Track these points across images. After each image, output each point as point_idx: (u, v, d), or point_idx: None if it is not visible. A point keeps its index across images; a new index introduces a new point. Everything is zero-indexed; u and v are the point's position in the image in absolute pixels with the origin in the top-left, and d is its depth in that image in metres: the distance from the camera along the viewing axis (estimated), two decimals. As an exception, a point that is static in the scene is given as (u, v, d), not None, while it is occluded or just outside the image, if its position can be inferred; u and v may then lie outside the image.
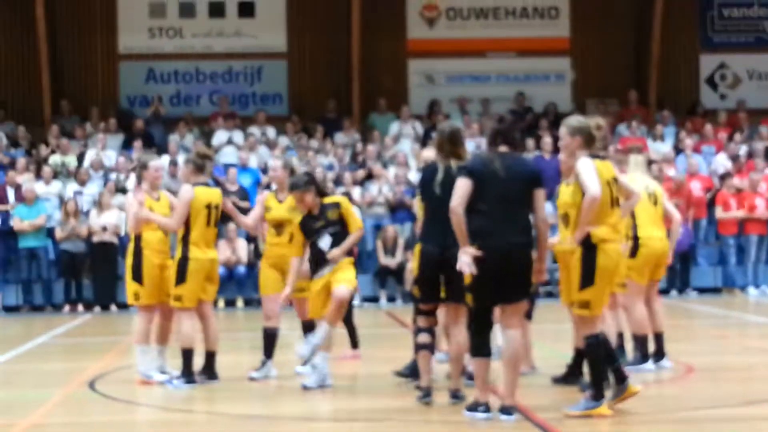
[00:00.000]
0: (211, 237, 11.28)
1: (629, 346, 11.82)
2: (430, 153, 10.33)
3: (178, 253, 11.08)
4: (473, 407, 8.72)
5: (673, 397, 10.37)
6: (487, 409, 8.67)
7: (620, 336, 12.14)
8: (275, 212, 11.51)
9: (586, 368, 9.34)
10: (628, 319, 11.62)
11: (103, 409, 10.25)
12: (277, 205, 11.52)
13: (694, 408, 9.40)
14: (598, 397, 8.86)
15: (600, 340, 8.94)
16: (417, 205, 9.98)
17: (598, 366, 8.98)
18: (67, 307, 22.16)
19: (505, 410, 8.63)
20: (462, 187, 8.64)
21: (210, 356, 11.40)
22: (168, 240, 11.44)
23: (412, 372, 10.43)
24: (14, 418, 9.49)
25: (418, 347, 9.61)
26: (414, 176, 24.64)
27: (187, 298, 11.05)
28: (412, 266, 9.67)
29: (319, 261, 10.53)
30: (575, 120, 9.29)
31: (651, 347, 11.68)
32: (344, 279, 10.39)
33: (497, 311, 8.83)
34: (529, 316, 11.10)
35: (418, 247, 9.44)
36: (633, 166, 12.00)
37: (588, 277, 8.85)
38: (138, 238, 11.41)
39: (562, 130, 9.21)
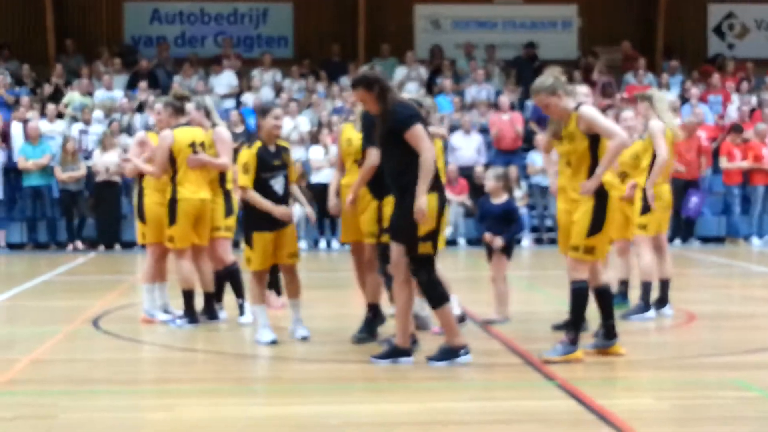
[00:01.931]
0: (201, 176, 11.18)
1: (634, 293, 11.86)
2: None
3: (167, 195, 11.11)
4: (455, 352, 8.76)
5: (675, 344, 10.42)
6: (468, 351, 8.79)
7: (624, 283, 12.22)
8: None
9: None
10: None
11: (106, 346, 10.30)
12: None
13: (695, 355, 9.44)
14: (575, 341, 8.93)
15: (587, 287, 8.96)
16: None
17: (582, 312, 9.02)
18: (71, 246, 22.23)
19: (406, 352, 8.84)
20: (424, 130, 8.65)
21: (207, 297, 11.44)
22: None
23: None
24: (18, 354, 9.55)
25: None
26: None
27: (179, 239, 11.07)
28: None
29: (272, 200, 9.92)
30: (544, 78, 9.02)
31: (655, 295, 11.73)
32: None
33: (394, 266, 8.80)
34: (508, 255, 11.30)
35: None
36: (662, 107, 11.65)
37: (598, 224, 8.87)
38: (140, 179, 11.47)
39: (541, 97, 8.95)
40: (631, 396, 7.78)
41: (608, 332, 9.21)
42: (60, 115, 23.99)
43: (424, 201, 8.48)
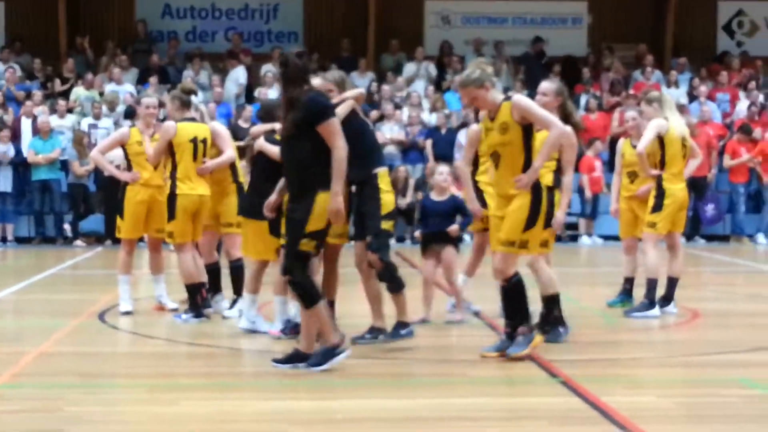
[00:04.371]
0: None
1: (639, 292, 11.89)
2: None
3: (166, 190, 11.19)
4: (333, 352, 8.45)
5: (680, 341, 10.44)
6: (345, 348, 8.55)
7: (630, 281, 12.24)
8: None
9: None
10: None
11: (112, 339, 10.36)
12: None
13: (699, 353, 9.45)
14: (532, 329, 8.87)
15: (521, 278, 8.83)
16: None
17: (525, 303, 8.86)
18: (78, 241, 22.29)
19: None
20: (339, 124, 8.37)
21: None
22: (161, 174, 11.48)
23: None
24: (25, 346, 9.59)
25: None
26: (427, 117, 24.65)
27: (178, 233, 11.15)
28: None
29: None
30: (470, 72, 8.82)
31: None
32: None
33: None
34: (457, 247, 11.21)
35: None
36: (669, 107, 11.68)
37: (533, 219, 8.71)
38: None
39: (468, 90, 8.76)
40: (635, 393, 7.78)
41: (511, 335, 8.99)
42: (70, 110, 24.07)
43: (339, 201, 8.22)
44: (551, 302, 9.91)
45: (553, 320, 9.90)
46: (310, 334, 8.49)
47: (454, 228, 11.04)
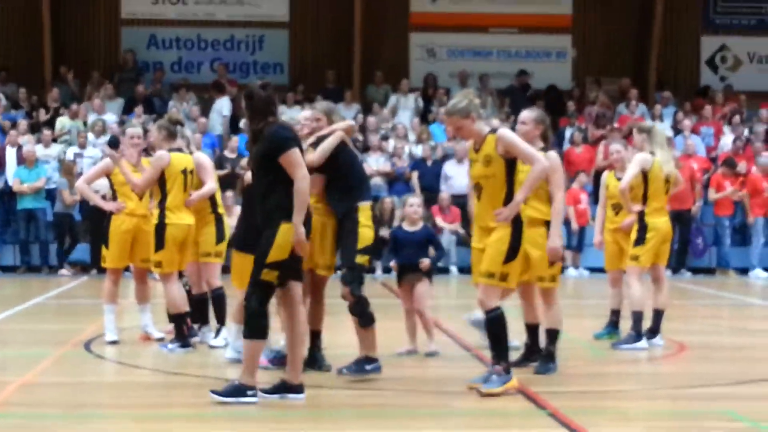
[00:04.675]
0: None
1: (625, 324, 11.90)
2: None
3: (154, 220, 11.19)
4: (244, 391, 8.32)
5: (666, 374, 10.46)
6: (256, 393, 8.39)
7: (616, 313, 12.26)
8: None
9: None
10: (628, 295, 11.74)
11: (97, 369, 10.32)
12: None
13: (686, 386, 9.46)
14: (508, 369, 8.74)
15: (502, 312, 8.78)
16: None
17: (505, 338, 8.84)
18: (64, 269, 22.21)
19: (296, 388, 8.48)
20: (300, 156, 8.32)
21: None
22: (146, 204, 11.50)
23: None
24: (9, 376, 9.54)
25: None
26: (413, 149, 24.71)
27: (166, 263, 11.17)
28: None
29: None
30: (456, 101, 8.83)
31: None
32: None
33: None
34: (431, 279, 11.13)
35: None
36: (658, 141, 11.71)
37: (514, 251, 8.67)
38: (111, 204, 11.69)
39: (453, 120, 8.77)
40: (622, 426, 7.79)
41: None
42: (55, 139, 24.06)
43: (301, 232, 8.22)
44: (553, 337, 9.92)
45: (546, 354, 9.91)
46: (252, 368, 8.34)
47: (425, 263, 11.01)
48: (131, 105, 25.59)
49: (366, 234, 9.41)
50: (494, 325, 8.79)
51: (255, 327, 8.32)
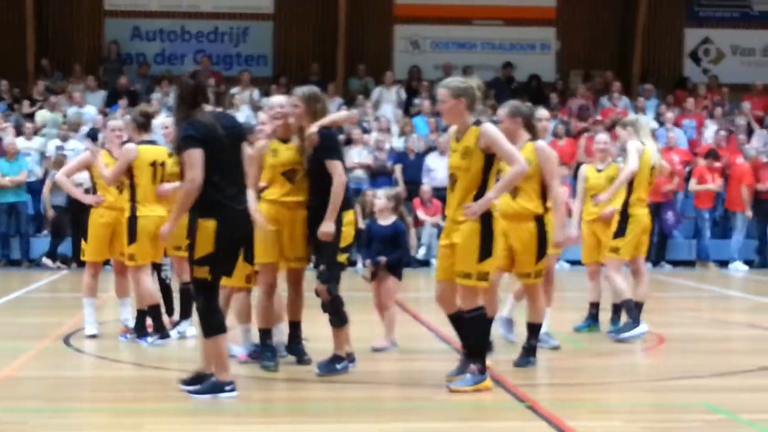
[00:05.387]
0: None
1: (605, 316, 11.93)
2: None
3: (126, 213, 11.21)
4: (221, 387, 8.31)
5: (645, 366, 10.49)
6: (234, 387, 8.36)
7: (595, 306, 12.29)
8: None
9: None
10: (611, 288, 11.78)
11: (76, 363, 10.30)
12: None
13: (664, 378, 9.49)
14: (483, 370, 8.61)
15: (484, 312, 8.70)
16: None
17: (486, 338, 8.84)
18: (46, 261, 22.14)
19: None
20: (199, 157, 8.09)
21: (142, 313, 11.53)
22: (126, 198, 11.45)
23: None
24: (-12, 370, 9.53)
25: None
26: (396, 142, 24.71)
27: (139, 256, 11.19)
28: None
29: None
30: (458, 81, 8.73)
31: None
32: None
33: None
34: (399, 276, 11.00)
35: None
36: (645, 133, 11.74)
37: (487, 248, 8.50)
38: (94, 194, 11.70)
39: (443, 92, 8.61)
40: (601, 418, 7.79)
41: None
42: (37, 132, 23.99)
43: (166, 228, 8.31)
44: (534, 331, 9.92)
45: (528, 347, 9.91)
46: (222, 363, 8.32)
47: (382, 260, 10.90)
48: (114, 97, 25.52)
49: (348, 233, 9.40)
50: (476, 326, 8.68)
51: (209, 325, 8.28)
